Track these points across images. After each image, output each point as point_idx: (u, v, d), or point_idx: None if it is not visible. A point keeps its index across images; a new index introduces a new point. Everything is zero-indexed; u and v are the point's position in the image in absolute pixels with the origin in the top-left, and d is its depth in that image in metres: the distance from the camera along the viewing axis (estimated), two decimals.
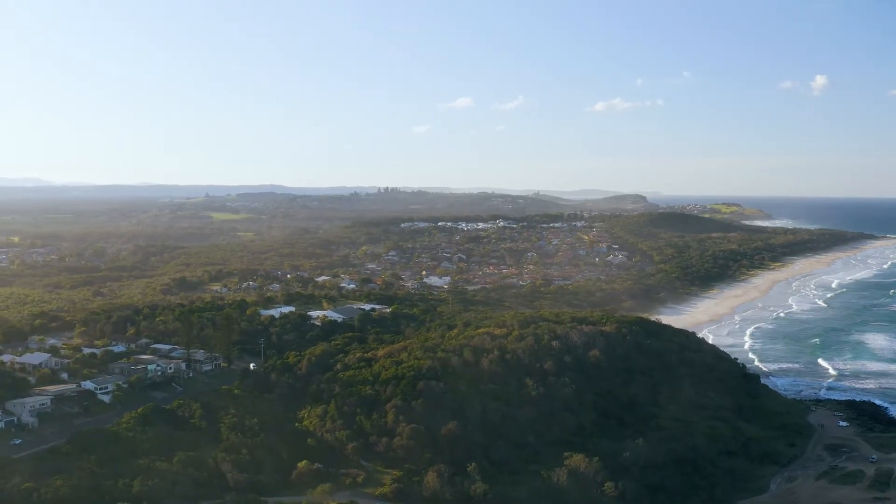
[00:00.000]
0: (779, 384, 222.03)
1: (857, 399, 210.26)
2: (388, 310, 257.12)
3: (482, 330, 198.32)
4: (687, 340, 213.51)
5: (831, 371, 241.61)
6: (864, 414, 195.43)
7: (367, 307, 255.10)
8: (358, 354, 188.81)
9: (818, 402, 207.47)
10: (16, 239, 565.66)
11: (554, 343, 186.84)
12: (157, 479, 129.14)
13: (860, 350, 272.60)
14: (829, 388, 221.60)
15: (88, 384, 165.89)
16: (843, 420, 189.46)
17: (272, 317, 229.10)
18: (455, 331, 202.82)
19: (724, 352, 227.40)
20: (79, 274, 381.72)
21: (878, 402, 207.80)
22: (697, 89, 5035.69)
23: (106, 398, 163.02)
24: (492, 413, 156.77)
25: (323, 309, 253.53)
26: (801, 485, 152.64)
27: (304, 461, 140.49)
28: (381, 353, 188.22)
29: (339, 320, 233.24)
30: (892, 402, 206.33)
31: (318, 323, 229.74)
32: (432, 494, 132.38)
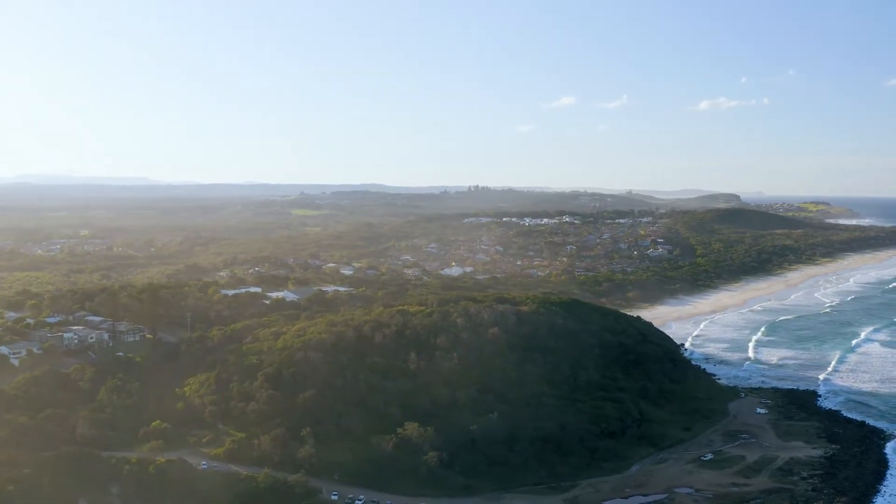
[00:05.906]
0: (721, 371, 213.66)
1: (801, 388, 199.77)
2: (354, 292, 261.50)
3: (397, 307, 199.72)
4: (615, 324, 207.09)
5: (785, 361, 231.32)
6: (794, 403, 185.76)
7: (330, 289, 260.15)
8: (273, 329, 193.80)
9: (756, 390, 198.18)
10: (85, 232, 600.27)
11: (458, 320, 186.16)
12: (9, 430, 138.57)
13: (832, 341, 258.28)
14: (780, 378, 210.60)
15: (3, 349, 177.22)
16: (764, 408, 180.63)
17: (225, 295, 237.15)
18: (380, 309, 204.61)
19: (663, 335, 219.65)
20: (111, 262, 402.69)
21: (821, 391, 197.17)
22: (803, 87, 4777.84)
23: (16, 362, 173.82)
24: (360, 384, 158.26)
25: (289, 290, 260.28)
26: (666, 467, 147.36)
27: (157, 421, 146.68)
28: (294, 328, 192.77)
29: (290, 300, 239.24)
30: (833, 393, 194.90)
31: (267, 302, 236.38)
32: (262, 456, 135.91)
